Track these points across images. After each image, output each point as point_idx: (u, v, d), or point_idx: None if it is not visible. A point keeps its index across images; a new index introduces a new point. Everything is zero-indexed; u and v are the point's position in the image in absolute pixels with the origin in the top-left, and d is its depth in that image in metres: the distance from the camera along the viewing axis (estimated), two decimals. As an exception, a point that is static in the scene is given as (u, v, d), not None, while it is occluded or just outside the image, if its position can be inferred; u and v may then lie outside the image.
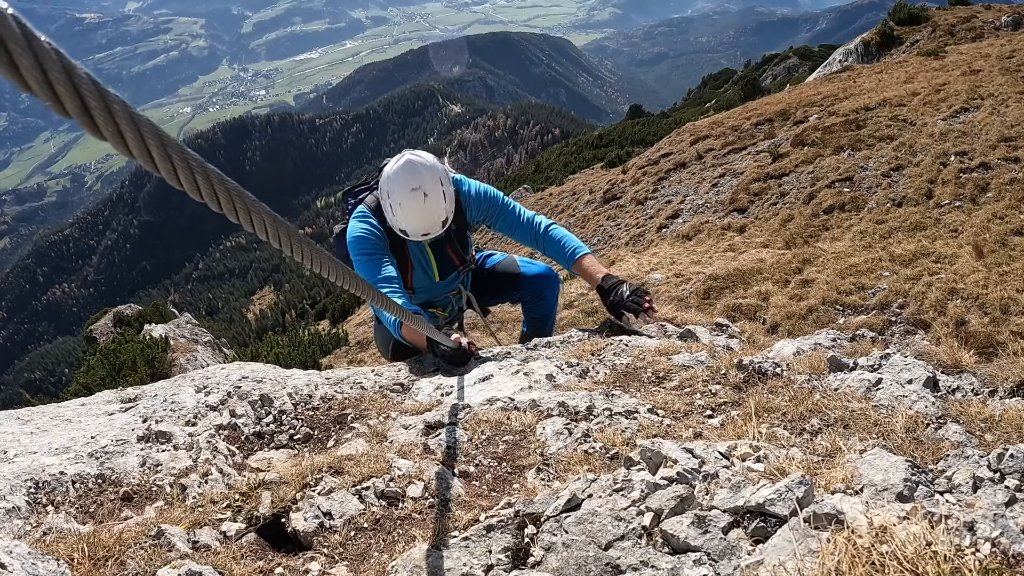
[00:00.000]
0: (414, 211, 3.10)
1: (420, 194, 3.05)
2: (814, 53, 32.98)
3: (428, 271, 3.55)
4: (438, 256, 3.51)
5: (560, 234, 3.46)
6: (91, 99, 0.56)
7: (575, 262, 3.36)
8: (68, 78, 0.54)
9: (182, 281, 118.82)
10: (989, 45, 14.65)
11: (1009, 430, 1.82)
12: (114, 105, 0.58)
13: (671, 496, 1.43)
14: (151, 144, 0.64)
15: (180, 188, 0.71)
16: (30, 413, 2.43)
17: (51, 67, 0.52)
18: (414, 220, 3.14)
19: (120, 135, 0.60)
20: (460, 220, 3.45)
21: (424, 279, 3.57)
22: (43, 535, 1.61)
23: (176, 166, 0.68)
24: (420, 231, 3.18)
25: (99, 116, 0.57)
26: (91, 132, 0.58)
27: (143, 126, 0.62)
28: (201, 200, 0.74)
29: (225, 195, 0.77)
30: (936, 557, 1.03)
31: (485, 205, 3.48)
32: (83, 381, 9.63)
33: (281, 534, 1.67)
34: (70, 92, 0.54)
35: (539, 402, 2.28)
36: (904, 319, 5.10)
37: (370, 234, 3.28)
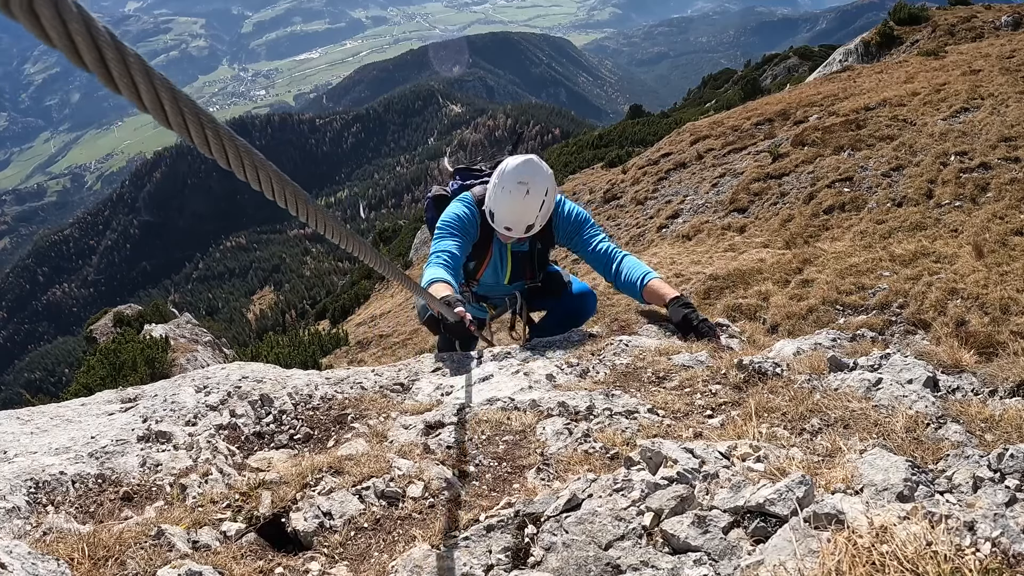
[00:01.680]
0: (512, 202, 3.26)
1: (524, 189, 3.22)
2: (814, 53, 32.97)
3: (499, 273, 3.72)
4: (515, 265, 3.69)
5: (633, 262, 3.53)
6: (108, 51, 0.58)
7: (645, 286, 3.38)
8: (87, 30, 0.55)
9: (182, 281, 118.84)
10: (989, 45, 14.64)
11: (1009, 430, 1.81)
12: (130, 58, 0.60)
13: (671, 496, 1.43)
14: (164, 98, 0.66)
15: (191, 143, 0.73)
16: (30, 413, 2.43)
17: (71, 18, 0.54)
18: (507, 210, 3.29)
19: (135, 87, 0.62)
20: (547, 240, 3.63)
21: (492, 278, 3.75)
22: (43, 535, 1.61)
23: (187, 120, 0.70)
24: (506, 222, 3.32)
25: (115, 68, 0.59)
26: (107, 84, 0.60)
27: (157, 80, 0.64)
28: (211, 156, 0.76)
29: (234, 152, 0.79)
30: (936, 557, 1.03)
31: (573, 227, 3.57)
32: (83, 381, 9.63)
33: (281, 534, 1.67)
34: (88, 44, 0.56)
35: (539, 402, 2.28)
36: (904, 319, 5.10)
37: (464, 217, 3.45)
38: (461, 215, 3.47)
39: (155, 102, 0.65)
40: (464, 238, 3.45)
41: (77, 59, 0.56)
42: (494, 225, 3.38)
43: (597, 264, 3.60)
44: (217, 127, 0.74)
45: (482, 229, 3.52)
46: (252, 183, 0.86)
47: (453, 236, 3.43)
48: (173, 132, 0.70)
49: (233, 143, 0.78)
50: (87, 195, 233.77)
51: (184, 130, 0.70)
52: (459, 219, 3.46)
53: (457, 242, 3.42)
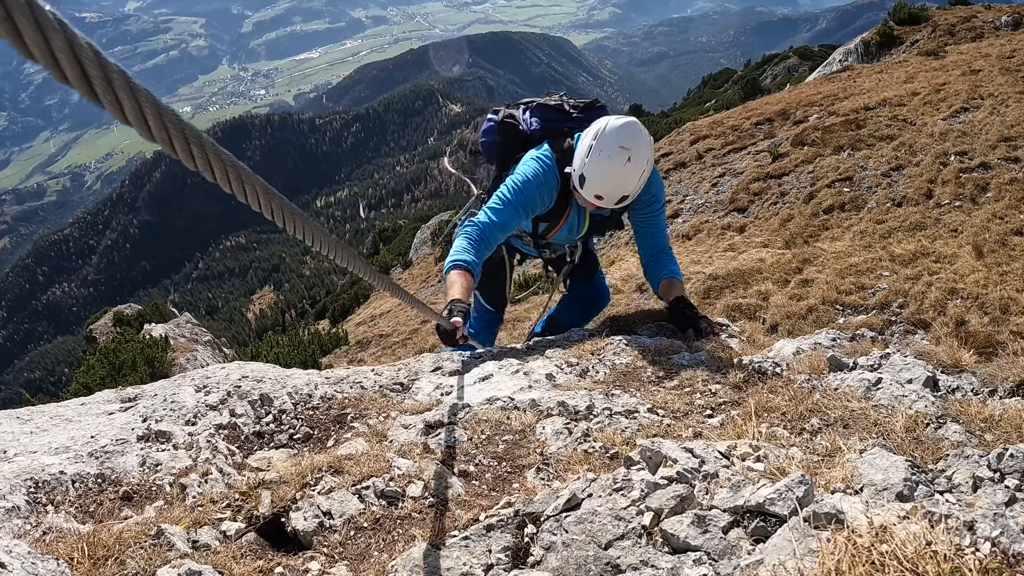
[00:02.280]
0: (611, 169, 2.88)
1: (626, 156, 2.86)
2: (814, 53, 32.96)
3: (573, 231, 3.43)
4: (592, 226, 3.43)
5: (667, 260, 3.39)
6: (91, 68, 0.57)
7: (664, 278, 3.28)
8: (69, 46, 0.55)
9: (182, 281, 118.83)
10: (989, 45, 14.64)
11: (1009, 430, 1.82)
12: (113, 74, 0.59)
13: (671, 496, 1.43)
14: (148, 113, 0.65)
15: (176, 156, 0.72)
16: (30, 413, 2.43)
17: (53, 35, 0.53)
18: (603, 178, 2.92)
19: (118, 104, 0.61)
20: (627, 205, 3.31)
21: (564, 236, 3.47)
22: (43, 534, 1.61)
23: (172, 135, 0.69)
24: (598, 190, 2.96)
25: (98, 85, 0.58)
26: (91, 100, 0.60)
27: (141, 95, 0.63)
28: (195, 169, 0.75)
29: (219, 165, 0.78)
30: (936, 556, 1.03)
31: (653, 198, 3.30)
32: (83, 381, 9.62)
33: (281, 533, 1.67)
34: (71, 60, 0.55)
35: (539, 402, 2.28)
36: (904, 319, 5.10)
37: (541, 185, 3.07)
38: (538, 180, 3.06)
39: (139, 117, 0.64)
40: (528, 212, 3.12)
41: (60, 75, 0.55)
42: (581, 191, 3.00)
43: (643, 247, 3.42)
44: (202, 140, 0.73)
45: (561, 191, 3.13)
46: (239, 195, 0.84)
47: (514, 209, 3.06)
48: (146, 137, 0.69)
49: (219, 156, 0.77)
50: (87, 195, 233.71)
51: (168, 144, 0.70)
52: (532, 186, 3.06)
53: (515, 218, 3.08)
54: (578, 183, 2.99)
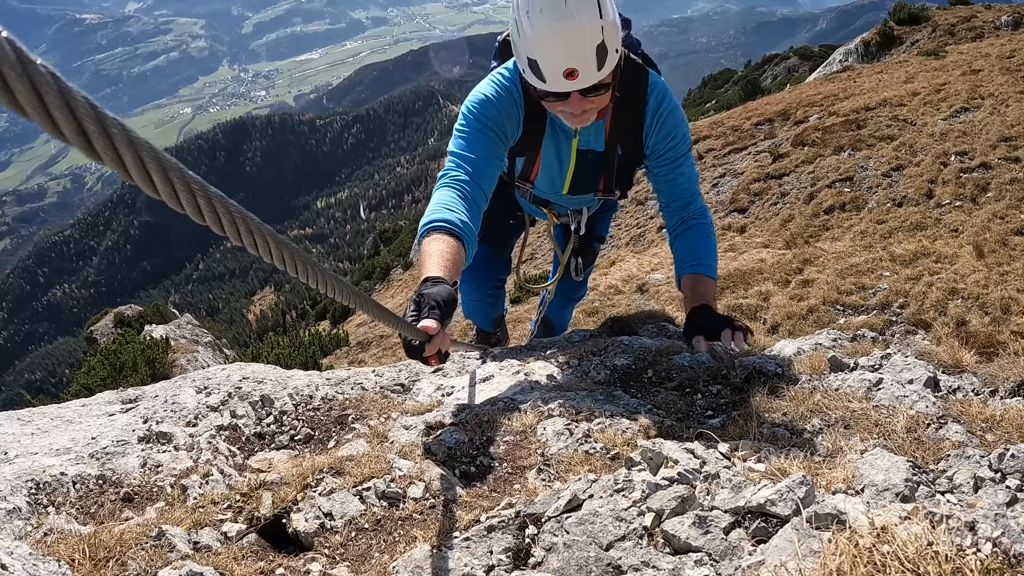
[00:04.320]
0: (553, 19, 2.14)
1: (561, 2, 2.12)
2: (814, 53, 32.95)
3: (557, 181, 2.78)
4: (581, 169, 2.70)
5: (702, 238, 2.67)
6: (89, 123, 0.55)
7: (690, 274, 2.61)
8: (64, 102, 0.52)
9: (182, 282, 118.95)
10: (989, 45, 14.64)
11: (1010, 430, 1.81)
12: (112, 129, 0.57)
13: (672, 496, 1.42)
14: (151, 168, 0.63)
15: (181, 211, 0.70)
16: (31, 414, 2.43)
17: (47, 91, 0.51)
18: (551, 38, 2.16)
19: (119, 159, 0.59)
20: (633, 142, 2.62)
21: (547, 186, 2.83)
22: (44, 536, 1.61)
23: (177, 190, 0.67)
24: (561, 63, 2.17)
25: (97, 141, 0.56)
26: (90, 156, 0.57)
27: (142, 150, 0.61)
28: (204, 223, 0.73)
29: (228, 217, 0.76)
30: (937, 557, 1.03)
31: (671, 140, 2.59)
32: (84, 382, 9.63)
33: (282, 535, 1.67)
34: (67, 117, 0.53)
35: (540, 402, 2.28)
36: (905, 319, 5.10)
37: (493, 101, 2.45)
38: (487, 98, 2.46)
39: (141, 172, 0.62)
40: (499, 135, 2.47)
41: (57, 132, 0.53)
42: (545, 85, 2.25)
43: (664, 206, 2.76)
44: (209, 193, 0.72)
45: (528, 112, 2.51)
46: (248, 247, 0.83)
47: (481, 132, 2.43)
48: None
49: (226, 208, 0.75)
50: (87, 196, 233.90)
51: (175, 200, 0.68)
52: (489, 102, 2.46)
53: (489, 144, 2.44)
54: (534, 73, 2.24)
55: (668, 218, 2.76)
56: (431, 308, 1.86)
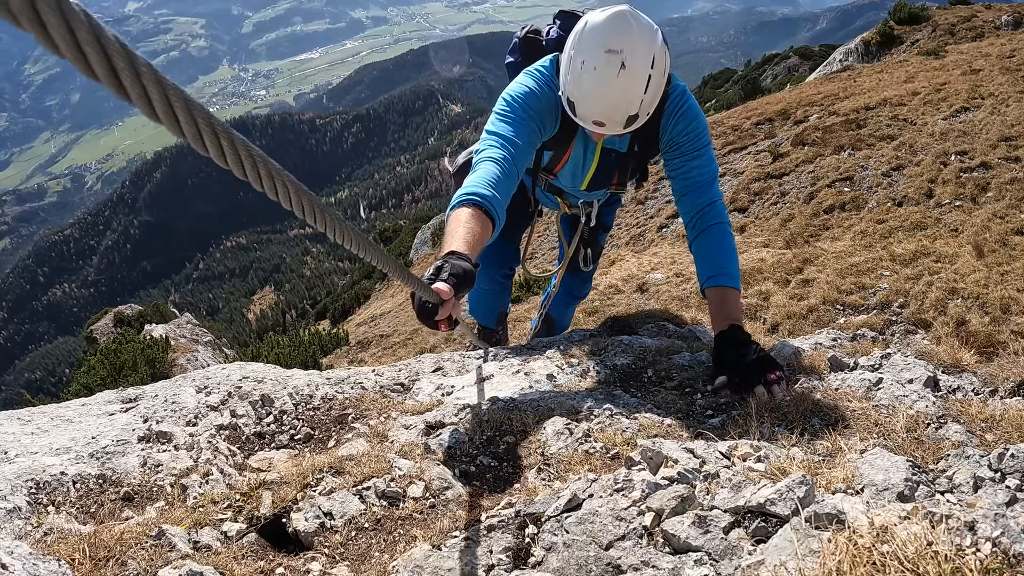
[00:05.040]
0: (600, 85, 2.24)
1: (618, 62, 2.20)
2: (814, 53, 32.93)
3: (578, 176, 2.85)
4: (602, 167, 2.78)
5: (719, 243, 2.61)
6: (119, 61, 0.56)
7: (712, 287, 2.55)
8: (96, 39, 0.54)
9: (182, 281, 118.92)
10: (989, 44, 14.63)
11: (1010, 430, 1.81)
12: (142, 68, 0.59)
13: (672, 496, 1.43)
14: (177, 107, 0.64)
15: (205, 153, 0.71)
16: (31, 413, 2.43)
17: (79, 28, 0.52)
18: (594, 95, 2.29)
19: (147, 97, 0.61)
20: (650, 138, 2.65)
21: (568, 180, 2.91)
22: (44, 535, 1.61)
23: (202, 130, 0.69)
24: (595, 115, 2.34)
25: (126, 78, 0.58)
26: (118, 94, 0.59)
27: (169, 90, 0.63)
28: (227, 167, 0.75)
29: (250, 162, 0.78)
30: (937, 557, 1.03)
31: (686, 134, 2.60)
32: (83, 381, 9.63)
33: (282, 534, 1.67)
34: (98, 54, 0.54)
35: (540, 402, 2.28)
36: (904, 319, 5.10)
37: (538, 95, 2.47)
38: (532, 91, 2.48)
39: (167, 111, 0.64)
40: (539, 126, 2.51)
41: (87, 70, 0.54)
42: (577, 119, 2.41)
43: (680, 202, 2.71)
44: (232, 137, 0.73)
45: (563, 117, 2.56)
46: (269, 192, 0.86)
47: (524, 120, 2.46)
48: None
49: (248, 152, 0.77)
50: (87, 195, 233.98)
51: (199, 141, 0.69)
52: (534, 96, 2.48)
53: (529, 132, 2.46)
54: (568, 108, 2.40)
55: (683, 211, 2.71)
56: (449, 275, 1.88)
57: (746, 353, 2.26)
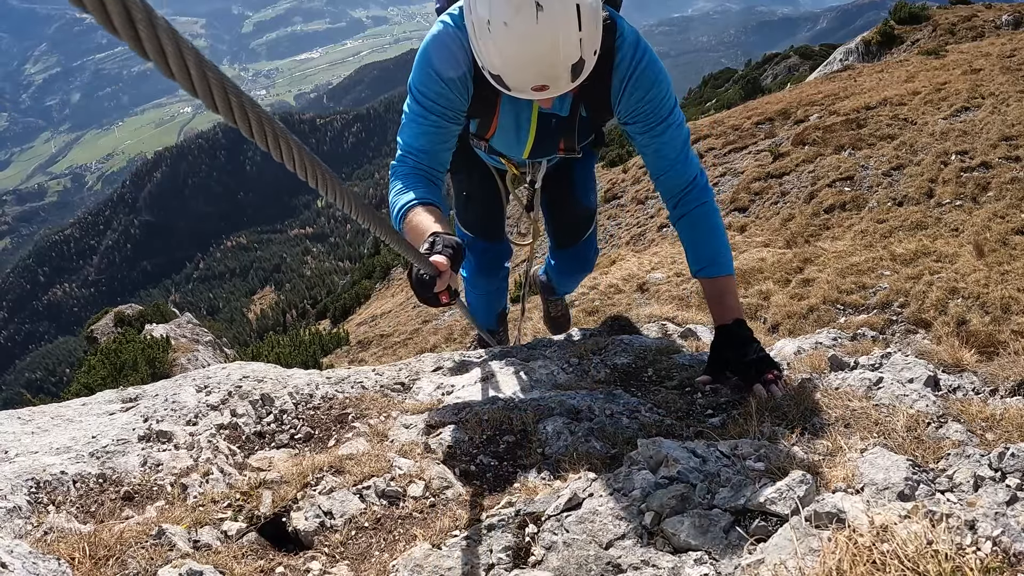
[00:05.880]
0: (520, 38, 1.84)
1: (531, 10, 1.79)
2: (815, 52, 32.92)
3: (514, 145, 2.53)
4: (543, 135, 2.45)
5: (705, 228, 2.41)
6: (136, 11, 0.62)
7: (706, 278, 2.45)
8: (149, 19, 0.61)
9: (183, 281, 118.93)
10: (990, 44, 14.63)
11: (1010, 429, 1.81)
12: (157, 20, 0.65)
13: (672, 495, 1.43)
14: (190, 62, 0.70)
15: (216, 111, 0.77)
16: (31, 413, 2.43)
17: None
18: (519, 56, 1.89)
19: (163, 54, 0.67)
20: (599, 102, 2.30)
21: (503, 147, 2.59)
22: (44, 535, 1.62)
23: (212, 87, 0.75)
24: (530, 80, 1.94)
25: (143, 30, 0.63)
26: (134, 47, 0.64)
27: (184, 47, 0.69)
28: (235, 124, 0.81)
29: (256, 121, 0.84)
30: (937, 556, 1.03)
31: (647, 102, 2.24)
32: (84, 381, 9.63)
33: (282, 533, 1.67)
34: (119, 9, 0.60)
35: (540, 401, 2.28)
36: (905, 318, 5.10)
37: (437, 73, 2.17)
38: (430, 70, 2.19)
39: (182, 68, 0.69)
40: (436, 115, 2.24)
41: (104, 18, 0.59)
42: (513, 94, 2.04)
43: (661, 186, 2.44)
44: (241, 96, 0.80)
45: (476, 83, 2.21)
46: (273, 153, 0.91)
47: (416, 120, 2.25)
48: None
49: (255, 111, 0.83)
50: (88, 195, 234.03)
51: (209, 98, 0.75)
52: (427, 80, 2.20)
53: (423, 127, 2.25)
54: (496, 84, 2.03)
55: (662, 192, 2.47)
56: (443, 247, 1.88)
57: (746, 352, 2.29)
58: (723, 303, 2.41)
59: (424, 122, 2.26)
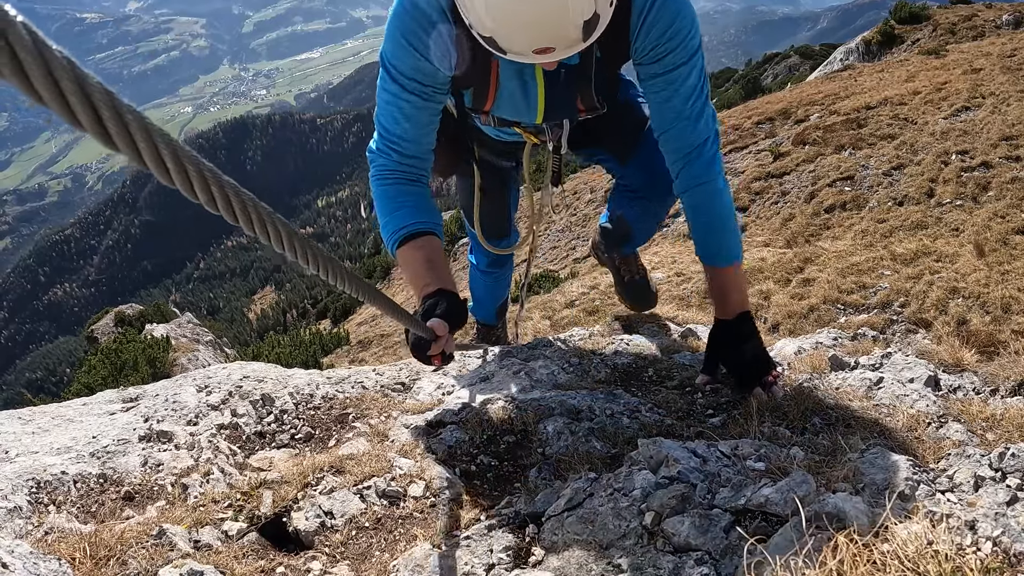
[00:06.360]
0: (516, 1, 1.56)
1: None
2: (815, 52, 32.89)
3: (523, 108, 2.18)
4: (554, 94, 2.10)
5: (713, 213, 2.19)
6: (104, 110, 0.55)
7: (714, 266, 2.27)
8: (80, 88, 0.52)
9: (183, 281, 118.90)
10: (990, 44, 14.62)
11: (1011, 429, 1.81)
12: (127, 116, 0.58)
13: (672, 495, 1.42)
14: (165, 155, 0.64)
15: (196, 200, 0.71)
16: (31, 413, 2.43)
17: (62, 76, 0.51)
18: (518, 13, 1.58)
19: (134, 147, 0.60)
20: (618, 48, 1.97)
21: (510, 113, 2.23)
22: (45, 535, 1.62)
23: (192, 178, 0.68)
24: (531, 42, 1.65)
25: (112, 126, 0.57)
26: (105, 144, 0.58)
27: (157, 137, 0.62)
28: (217, 212, 0.74)
29: (240, 206, 0.78)
30: (937, 556, 1.03)
31: (668, 37, 1.92)
32: (84, 381, 9.63)
33: (282, 533, 1.67)
34: (83, 103, 0.53)
35: (540, 401, 2.28)
36: (905, 318, 5.09)
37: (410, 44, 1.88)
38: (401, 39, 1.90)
39: (156, 160, 0.63)
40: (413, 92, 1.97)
41: (72, 119, 0.53)
42: (511, 58, 1.76)
43: (667, 147, 2.16)
44: (222, 183, 0.73)
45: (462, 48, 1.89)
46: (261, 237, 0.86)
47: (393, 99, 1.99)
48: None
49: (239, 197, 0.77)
50: (88, 195, 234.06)
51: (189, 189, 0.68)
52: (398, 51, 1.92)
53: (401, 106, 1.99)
54: (491, 48, 1.74)
55: (665, 153, 2.17)
56: (443, 311, 1.90)
57: (743, 351, 2.25)
58: (727, 295, 2.27)
59: (403, 104, 2.01)
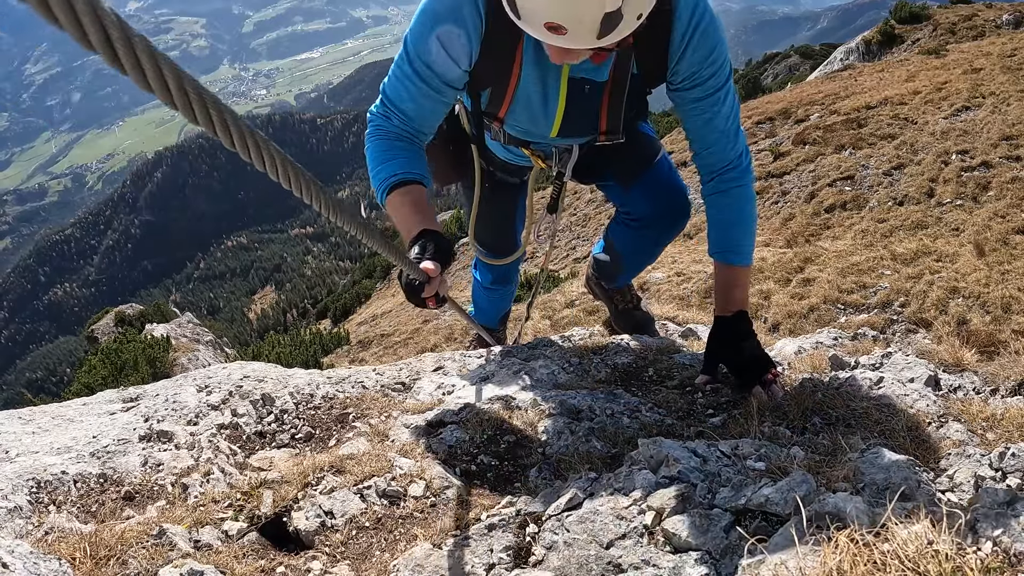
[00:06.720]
0: None
1: None
2: (815, 52, 32.88)
3: (540, 116, 2.13)
4: (575, 106, 2.07)
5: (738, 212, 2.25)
6: (113, 30, 0.61)
7: (725, 264, 2.32)
8: (92, 9, 0.58)
9: (183, 281, 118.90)
10: (990, 44, 14.62)
11: (1011, 429, 1.81)
12: (135, 39, 0.64)
13: (672, 495, 1.43)
14: (168, 77, 0.69)
15: (196, 123, 0.77)
16: (32, 413, 2.43)
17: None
18: None
19: (140, 68, 0.66)
20: (654, 64, 1.97)
21: (527, 121, 2.17)
22: (45, 534, 1.62)
23: (191, 100, 0.74)
24: (547, 12, 1.59)
25: (120, 47, 0.62)
26: (111, 63, 0.63)
27: (161, 61, 0.68)
28: (215, 136, 0.80)
29: (238, 133, 0.83)
30: (938, 556, 1.03)
31: (709, 64, 1.95)
32: (85, 381, 9.63)
33: (283, 533, 1.67)
34: (95, 24, 0.59)
35: (541, 401, 2.28)
36: (905, 318, 5.09)
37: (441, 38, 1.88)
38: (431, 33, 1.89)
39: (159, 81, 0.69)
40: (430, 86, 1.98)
41: (84, 39, 0.59)
42: (521, 25, 1.70)
43: (701, 160, 2.20)
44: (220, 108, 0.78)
45: (493, 27, 1.86)
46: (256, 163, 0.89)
47: (408, 83, 2.00)
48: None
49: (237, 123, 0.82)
50: (88, 195, 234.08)
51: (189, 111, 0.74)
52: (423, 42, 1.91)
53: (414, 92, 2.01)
54: (509, 9, 1.69)
55: (702, 167, 2.21)
56: (434, 252, 1.86)
57: (742, 349, 2.28)
58: (730, 293, 2.34)
59: (413, 87, 2.01)
